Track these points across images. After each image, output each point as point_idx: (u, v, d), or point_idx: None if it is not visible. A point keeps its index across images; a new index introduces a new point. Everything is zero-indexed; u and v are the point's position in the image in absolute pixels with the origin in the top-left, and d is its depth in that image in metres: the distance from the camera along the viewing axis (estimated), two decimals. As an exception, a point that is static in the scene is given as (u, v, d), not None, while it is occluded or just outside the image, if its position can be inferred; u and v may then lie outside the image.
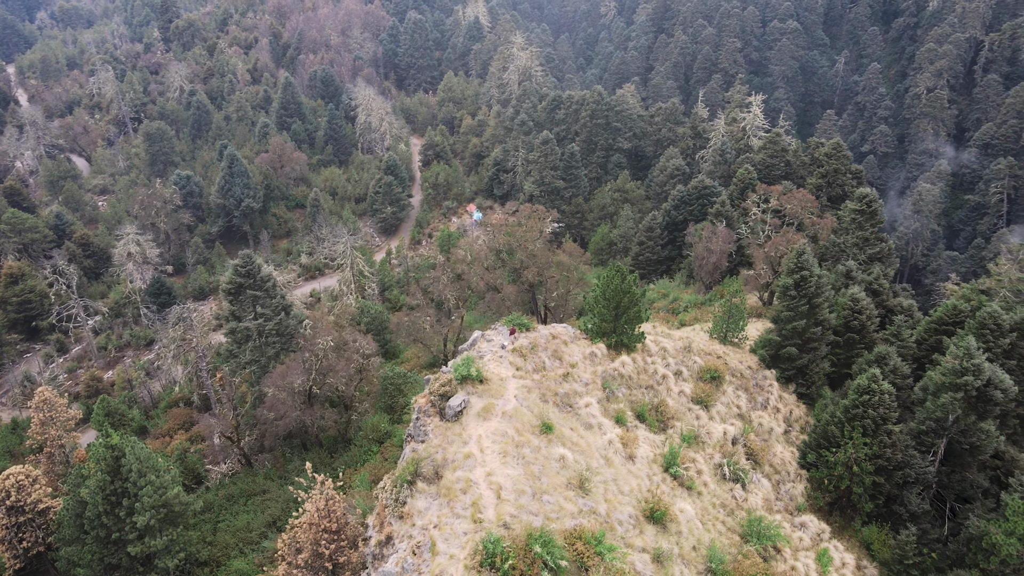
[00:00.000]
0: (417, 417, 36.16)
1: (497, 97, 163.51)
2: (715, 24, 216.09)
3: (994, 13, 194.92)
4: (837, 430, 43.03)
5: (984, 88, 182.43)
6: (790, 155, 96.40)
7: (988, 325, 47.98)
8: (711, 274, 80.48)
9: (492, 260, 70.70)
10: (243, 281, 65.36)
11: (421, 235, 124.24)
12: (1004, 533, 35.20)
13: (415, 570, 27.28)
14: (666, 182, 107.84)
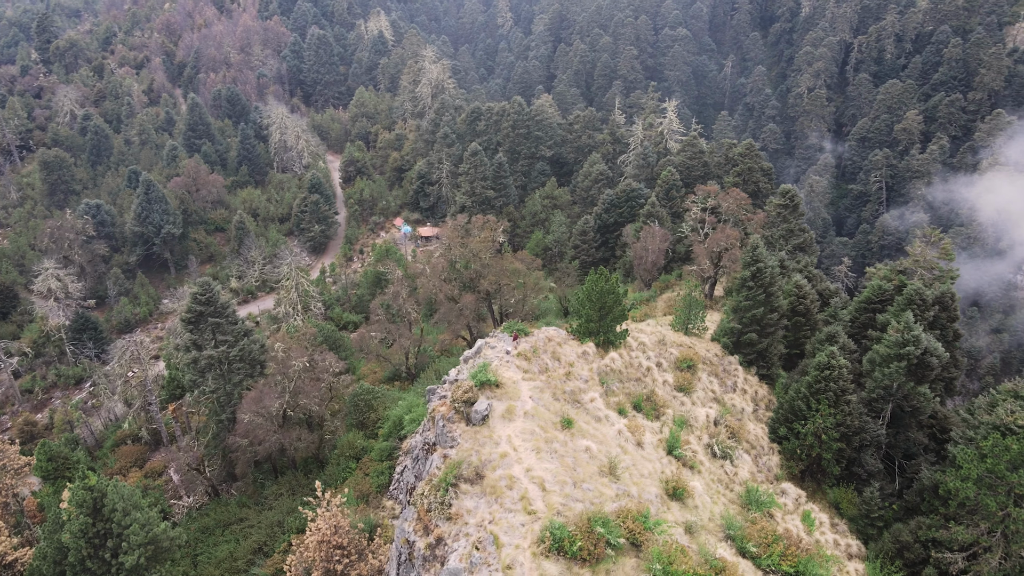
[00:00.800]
0: (443, 425, 37.95)
1: (411, 111, 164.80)
2: (611, 33, 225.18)
3: (860, 17, 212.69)
4: (803, 404, 47.90)
5: (857, 86, 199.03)
6: (707, 156, 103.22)
7: (915, 300, 54.43)
8: (650, 272, 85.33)
9: (449, 272, 72.68)
10: (203, 309, 64.48)
11: (352, 251, 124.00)
12: (959, 479, 40.65)
13: (483, 563, 29.31)
14: (591, 187, 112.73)
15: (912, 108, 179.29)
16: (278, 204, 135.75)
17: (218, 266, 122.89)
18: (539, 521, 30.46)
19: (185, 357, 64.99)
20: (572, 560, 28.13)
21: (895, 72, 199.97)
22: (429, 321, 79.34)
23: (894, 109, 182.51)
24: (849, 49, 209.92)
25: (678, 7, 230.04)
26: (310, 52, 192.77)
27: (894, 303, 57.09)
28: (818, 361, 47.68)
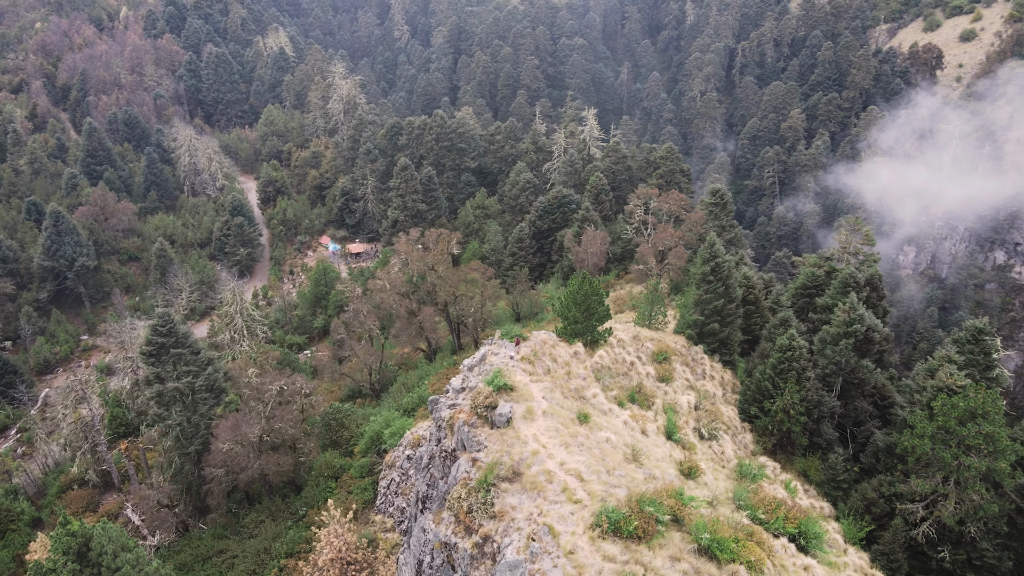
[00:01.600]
0: (467, 431, 39.70)
1: (324, 127, 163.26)
2: (510, 43, 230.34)
3: (740, 24, 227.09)
4: (769, 384, 52.65)
5: (743, 89, 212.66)
6: (630, 160, 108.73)
7: (849, 283, 60.61)
8: (592, 273, 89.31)
9: (407, 286, 73.92)
10: (164, 340, 62.98)
11: (282, 273, 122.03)
12: (915, 437, 46.17)
13: (543, 552, 31.45)
14: (519, 195, 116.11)
15: (795, 107, 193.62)
16: (196, 229, 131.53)
17: (138, 296, 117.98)
18: (586, 508, 32.94)
19: (148, 391, 63.17)
20: (628, 539, 30.76)
21: (776, 74, 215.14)
22: (386, 336, 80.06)
23: (779, 109, 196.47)
24: (734, 54, 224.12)
25: (572, 17, 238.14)
26: (208, 71, 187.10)
27: (829, 287, 63.27)
28: (780, 344, 52.55)
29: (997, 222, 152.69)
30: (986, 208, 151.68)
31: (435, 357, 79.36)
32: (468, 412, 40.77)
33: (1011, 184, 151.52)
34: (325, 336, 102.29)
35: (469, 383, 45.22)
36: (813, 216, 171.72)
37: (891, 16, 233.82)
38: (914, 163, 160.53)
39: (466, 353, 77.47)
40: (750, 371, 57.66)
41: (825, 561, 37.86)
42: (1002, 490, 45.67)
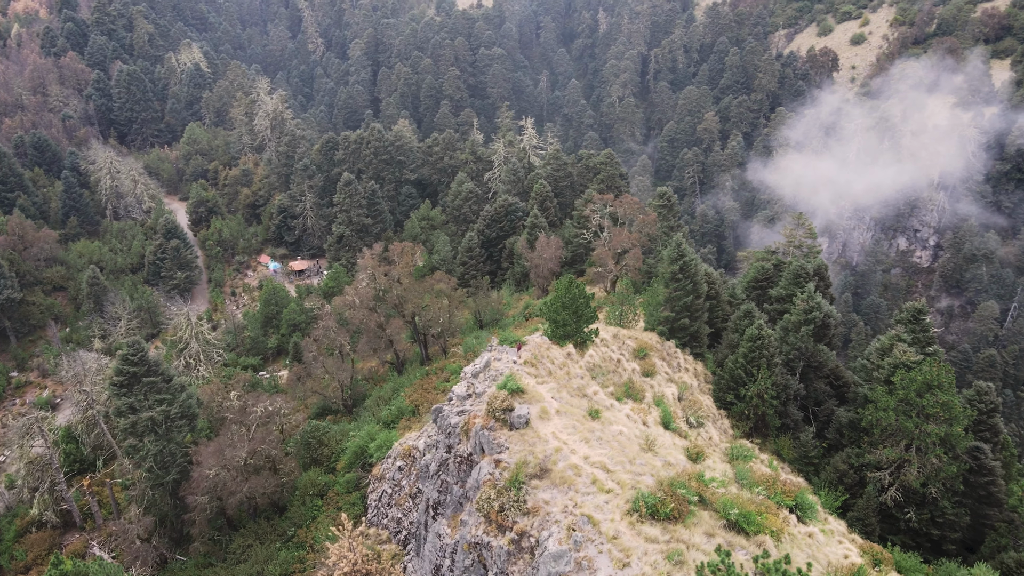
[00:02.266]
0: (486, 434, 41.27)
1: (250, 144, 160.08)
2: (430, 55, 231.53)
3: (651, 32, 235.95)
4: (743, 372, 56.49)
5: (659, 93, 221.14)
6: (570, 167, 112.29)
7: (800, 274, 65.49)
8: (547, 278, 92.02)
9: (375, 301, 74.55)
10: (136, 370, 61.49)
11: (223, 294, 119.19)
12: (879, 411, 50.79)
13: (587, 540, 33.50)
14: (462, 205, 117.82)
15: (709, 110, 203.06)
16: (125, 254, 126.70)
17: (69, 327, 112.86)
18: (618, 497, 35.22)
19: (121, 422, 61.42)
20: (665, 521, 33.21)
21: (688, 79, 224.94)
22: (353, 350, 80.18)
23: (694, 112, 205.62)
24: (647, 61, 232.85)
25: (489, 28, 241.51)
26: (119, 89, 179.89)
27: (781, 279, 68.13)
28: (749, 334, 56.50)
29: (899, 210, 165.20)
30: (888, 197, 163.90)
31: (403, 369, 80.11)
32: (484, 416, 42.36)
33: (908, 174, 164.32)
34: (279, 356, 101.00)
35: (476, 389, 46.78)
36: (733, 212, 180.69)
37: (788, 22, 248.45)
38: (823, 157, 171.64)
39: (435, 363, 78.68)
40: (720, 362, 61.49)
41: (820, 529, 41.46)
42: (956, 452, 50.79)
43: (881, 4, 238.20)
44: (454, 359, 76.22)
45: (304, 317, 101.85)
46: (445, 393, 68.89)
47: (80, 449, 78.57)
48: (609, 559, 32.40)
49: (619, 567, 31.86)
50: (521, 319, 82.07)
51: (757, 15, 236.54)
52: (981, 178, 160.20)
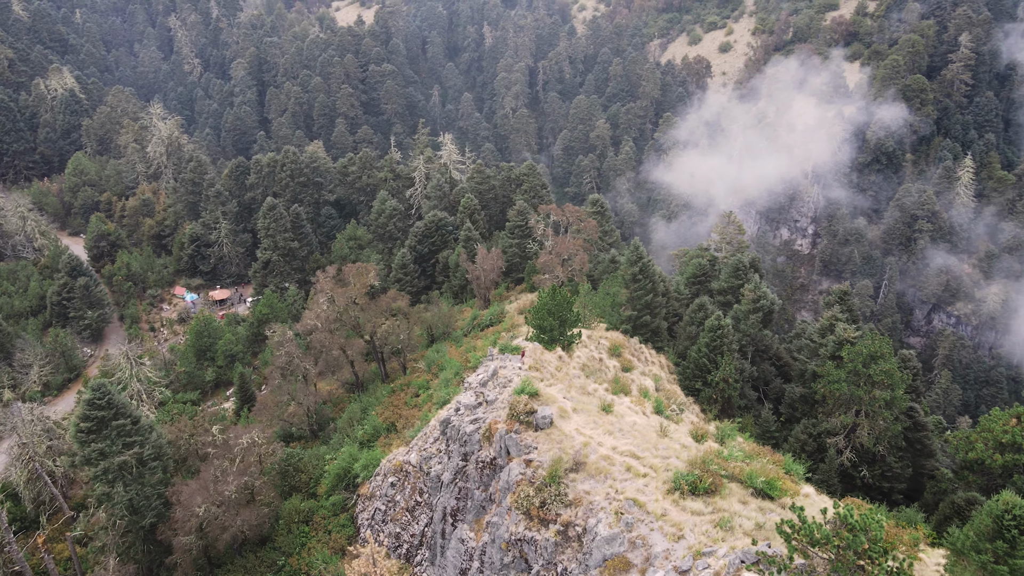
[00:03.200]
0: (511, 437, 43.70)
1: (145, 173, 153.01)
2: (319, 72, 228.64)
3: (536, 45, 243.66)
4: (707, 360, 61.75)
5: (549, 104, 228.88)
6: (493, 180, 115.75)
7: (739, 267, 71.96)
8: (488, 288, 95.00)
9: (336, 324, 74.91)
10: (103, 414, 59.17)
11: (141, 331, 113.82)
12: (831, 383, 57.26)
13: (637, 520, 36.74)
14: (387, 223, 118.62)
15: (600, 118, 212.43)
16: (21, 296, 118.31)
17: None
18: (655, 479, 38.76)
19: (91, 471, 58.87)
20: (704, 495, 37.02)
21: (576, 89, 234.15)
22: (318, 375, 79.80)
23: (585, 120, 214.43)
24: (535, 72, 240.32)
25: (377, 44, 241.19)
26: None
27: (721, 272, 74.47)
28: (710, 325, 61.88)
29: (780, 202, 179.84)
30: (771, 190, 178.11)
31: (363, 389, 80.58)
32: (507, 421, 44.82)
33: (785, 167, 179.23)
34: (218, 388, 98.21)
35: (486, 397, 49.09)
36: (631, 213, 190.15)
37: (660, 33, 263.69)
38: (712, 155, 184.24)
39: (396, 380, 79.69)
40: (681, 353, 66.61)
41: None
42: (897, 414, 58.05)
43: (742, 14, 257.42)
44: (417, 375, 77.63)
45: (241, 347, 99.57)
46: (419, 409, 70.54)
47: (21, 506, 73.86)
48: (662, 534, 35.83)
49: (673, 540, 35.36)
50: (476, 330, 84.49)
51: (634, 27, 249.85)
52: (848, 167, 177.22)
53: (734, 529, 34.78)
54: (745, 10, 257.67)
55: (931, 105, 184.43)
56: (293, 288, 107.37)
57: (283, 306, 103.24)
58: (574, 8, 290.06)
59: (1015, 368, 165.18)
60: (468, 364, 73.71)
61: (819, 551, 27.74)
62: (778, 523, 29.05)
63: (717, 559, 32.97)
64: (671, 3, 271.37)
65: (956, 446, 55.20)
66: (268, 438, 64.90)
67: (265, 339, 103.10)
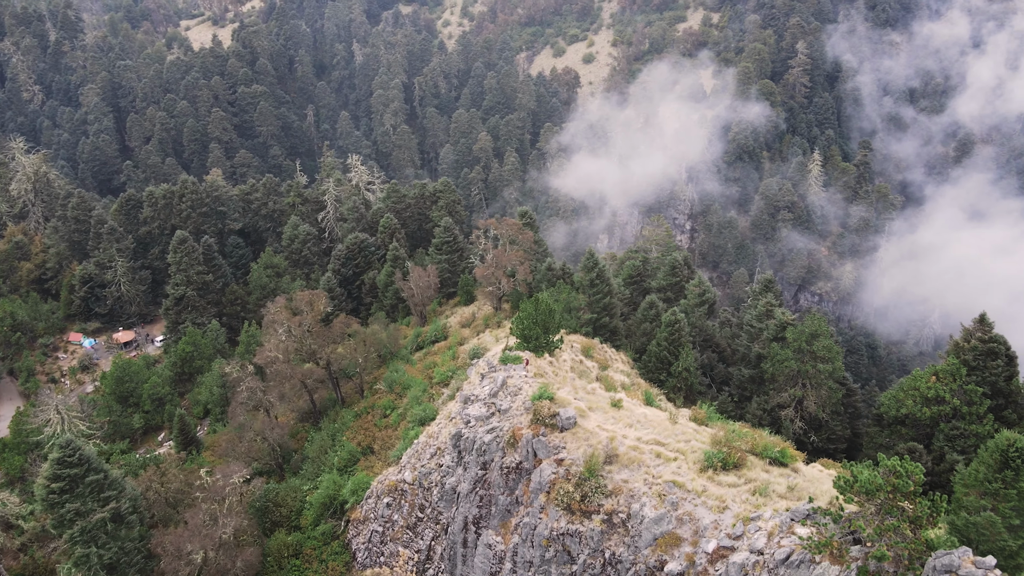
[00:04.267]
0: (538, 440, 46.51)
1: (9, 213, 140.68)
2: (183, 96, 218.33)
3: (408, 61, 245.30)
4: (667, 353, 67.27)
5: (428, 119, 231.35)
6: (409, 198, 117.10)
7: (675, 265, 78.42)
8: (424, 305, 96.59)
9: (295, 354, 74.31)
10: (76, 471, 55.95)
11: (39, 384, 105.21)
12: (779, 361, 64.29)
13: (681, 499, 40.76)
14: (302, 248, 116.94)
15: (481, 131, 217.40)
16: None
17: None
18: (685, 461, 43.03)
19: (67, 533, 55.43)
20: (733, 470, 41.65)
21: (452, 103, 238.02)
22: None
23: (467, 134, 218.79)
24: (411, 88, 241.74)
25: (244, 65, 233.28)
26: None
27: (659, 272, 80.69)
28: (667, 320, 67.49)
29: (661, 201, 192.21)
30: (651, 190, 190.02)
31: (322, 416, 80.00)
32: (532, 426, 47.65)
33: (662, 167, 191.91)
34: (147, 435, 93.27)
35: (500, 407, 51.56)
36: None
37: (526, 46, 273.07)
38: (596, 159, 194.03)
39: (358, 404, 79.60)
40: (640, 348, 71.81)
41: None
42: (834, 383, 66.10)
43: (600, 27, 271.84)
44: (378, 396, 78.05)
45: (167, 390, 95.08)
46: (393, 429, 71.47)
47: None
48: (707, 508, 40.19)
49: (718, 512, 39.80)
50: (425, 346, 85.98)
51: (502, 41, 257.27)
52: (717, 164, 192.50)
53: (770, 494, 39.72)
54: (603, 23, 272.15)
55: (780, 107, 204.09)
56: (214, 323, 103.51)
57: (207, 342, 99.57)
58: (438, 24, 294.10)
59: (870, 336, 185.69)
60: (434, 380, 75.45)
61: (869, 499, 32.74)
62: (835, 479, 33.96)
63: (766, 521, 37.66)
64: (533, 17, 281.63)
65: (887, 405, 63.70)
66: (250, 476, 63.59)
67: (191, 377, 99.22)
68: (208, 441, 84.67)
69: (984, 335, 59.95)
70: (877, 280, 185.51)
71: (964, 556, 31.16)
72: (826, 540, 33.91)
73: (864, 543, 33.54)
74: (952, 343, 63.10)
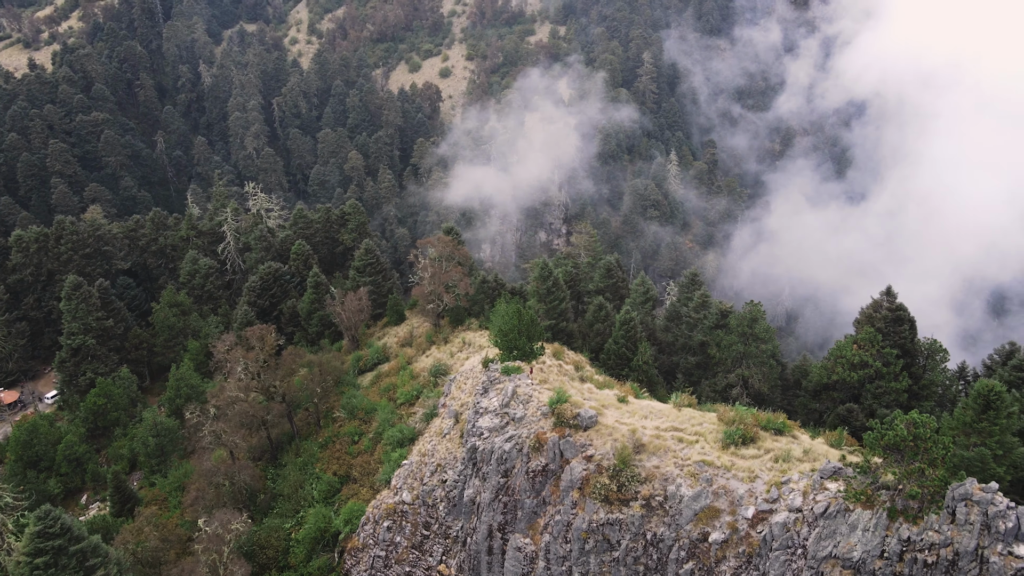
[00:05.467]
0: (564, 441, 49.50)
1: None
2: (11, 127, 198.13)
3: (263, 82, 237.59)
4: (625, 349, 72.40)
5: (293, 140, 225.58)
6: (316, 223, 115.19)
7: (610, 268, 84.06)
8: (356, 328, 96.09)
9: (255, 392, 72.36)
10: (60, 542, 51.84)
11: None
12: (726, 347, 71.27)
13: (714, 475, 45.37)
14: (204, 283, 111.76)
15: (350, 150, 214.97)
16: None
17: None
18: (706, 441, 47.83)
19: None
20: (748, 443, 46.87)
21: (315, 123, 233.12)
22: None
23: (336, 153, 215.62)
24: (270, 109, 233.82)
25: (78, 91, 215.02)
26: None
27: (594, 276, 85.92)
28: (621, 319, 72.65)
29: (538, 208, 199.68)
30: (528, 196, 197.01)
31: (280, 451, 77.98)
32: (556, 428, 50.62)
33: (536, 174, 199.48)
34: (68, 499, 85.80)
35: (514, 415, 53.98)
36: (404, 239, 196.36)
37: (380, 62, 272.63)
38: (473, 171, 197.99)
39: (316, 434, 78.27)
40: (598, 347, 76.41)
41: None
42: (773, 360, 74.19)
43: (453, 41, 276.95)
44: (339, 424, 77.23)
45: (84, 448, 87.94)
46: (370, 454, 71.43)
47: None
48: (738, 480, 45.22)
49: (750, 482, 44.96)
50: (370, 367, 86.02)
51: (358, 58, 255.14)
52: (588, 167, 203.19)
53: (791, 460, 45.40)
54: (455, 37, 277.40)
55: (635, 111, 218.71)
56: (124, 370, 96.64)
57: (119, 391, 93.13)
58: (286, 41, 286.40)
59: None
60: (399, 401, 75.98)
61: (895, 449, 38.83)
62: (866, 435, 39.82)
63: (797, 483, 43.22)
64: (384, 33, 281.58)
65: (818, 374, 72.52)
66: (243, 520, 61.36)
67: (107, 431, 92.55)
68: (148, 495, 79.78)
69: (891, 305, 70.07)
70: (736, 265, 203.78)
71: (973, 485, 37.88)
72: (861, 490, 39.73)
73: (891, 488, 39.67)
74: (863, 314, 72.99)
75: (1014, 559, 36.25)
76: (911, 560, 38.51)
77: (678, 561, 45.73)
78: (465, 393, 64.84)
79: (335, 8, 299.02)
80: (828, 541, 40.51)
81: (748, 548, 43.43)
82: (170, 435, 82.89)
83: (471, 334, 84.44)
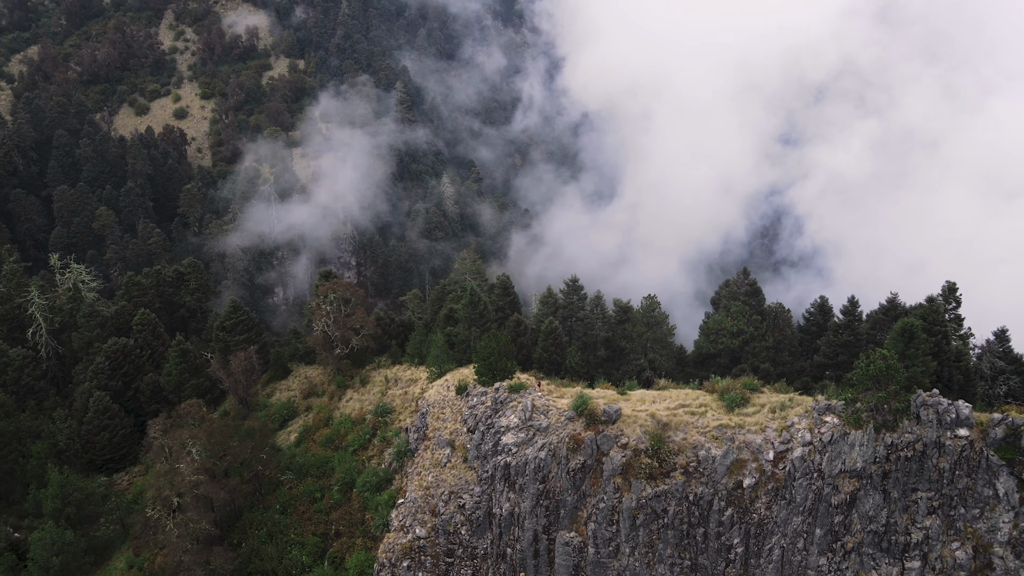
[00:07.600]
0: (598, 438, 55.95)
1: None
2: None
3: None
4: (555, 356, 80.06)
5: (17, 202, 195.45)
6: (150, 287, 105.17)
7: (505, 286, 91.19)
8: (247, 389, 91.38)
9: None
10: None
11: None
12: (633, 337, 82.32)
13: (734, 435, 55.18)
14: (21, 376, 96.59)
15: (97, 206, 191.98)
16: None
17: None
18: (711, 409, 57.77)
19: None
20: (746, 404, 57.61)
21: (38, 178, 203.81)
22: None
23: (78, 211, 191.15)
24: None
25: None
26: None
27: (494, 292, 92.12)
28: (546, 329, 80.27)
29: (326, 246, 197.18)
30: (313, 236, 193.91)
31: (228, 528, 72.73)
32: (591, 427, 56.98)
33: (316, 212, 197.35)
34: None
35: (539, 425, 59.21)
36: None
37: (98, 106, 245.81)
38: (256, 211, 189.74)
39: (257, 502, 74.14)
40: (526, 359, 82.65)
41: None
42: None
43: (182, 80, 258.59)
44: (288, 486, 74.03)
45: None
46: (347, 505, 70.55)
47: None
48: (753, 433, 56.10)
49: (761, 432, 56.01)
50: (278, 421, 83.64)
51: (76, 103, 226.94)
52: (374, 191, 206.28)
53: (784, 409, 57.19)
54: (183, 75, 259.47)
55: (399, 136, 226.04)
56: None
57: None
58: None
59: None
60: (350, 449, 75.48)
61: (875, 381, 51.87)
62: (852, 372, 52.49)
63: (800, 423, 55.13)
64: (96, 74, 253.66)
65: (704, 345, 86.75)
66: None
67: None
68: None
69: (749, 281, 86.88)
70: (520, 271, 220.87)
71: (924, 395, 52.48)
72: (856, 415, 52.58)
73: (873, 409, 53.00)
74: (724, 291, 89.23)
75: (959, 440, 51.09)
76: (896, 459, 51.94)
77: (719, 511, 55.15)
78: (450, 422, 67.60)
79: (24, 48, 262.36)
80: (837, 460, 52.69)
81: (775, 484, 54.23)
82: (71, 549, 72.49)
83: (392, 371, 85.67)
